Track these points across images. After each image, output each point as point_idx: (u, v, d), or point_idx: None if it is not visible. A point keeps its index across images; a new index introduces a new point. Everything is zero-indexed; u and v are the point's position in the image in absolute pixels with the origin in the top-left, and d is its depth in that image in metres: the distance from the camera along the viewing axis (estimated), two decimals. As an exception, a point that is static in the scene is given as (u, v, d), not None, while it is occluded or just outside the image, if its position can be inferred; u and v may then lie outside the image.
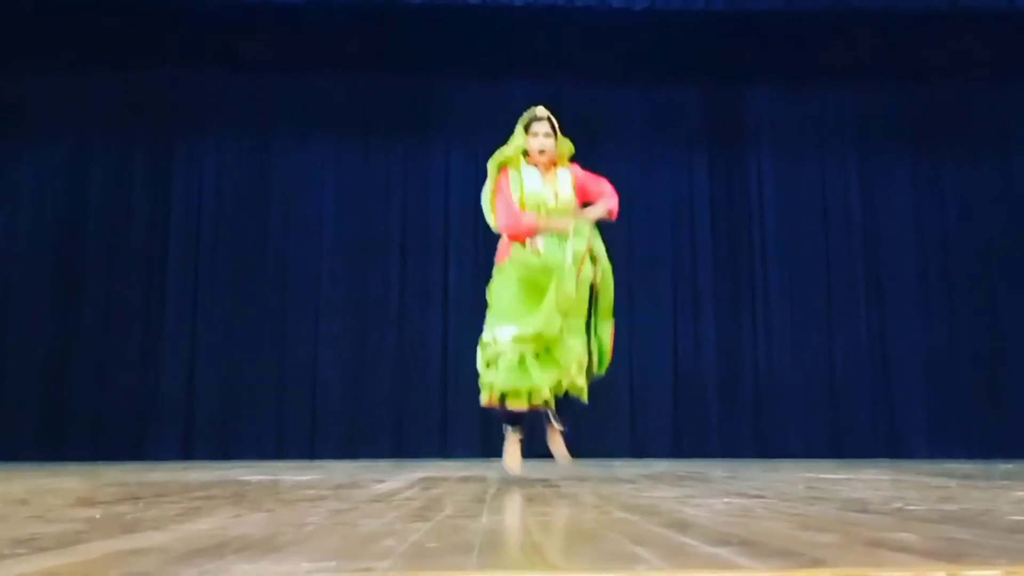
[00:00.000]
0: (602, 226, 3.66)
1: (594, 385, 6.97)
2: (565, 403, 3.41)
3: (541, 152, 3.45)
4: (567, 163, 3.58)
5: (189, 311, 6.83)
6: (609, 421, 6.84)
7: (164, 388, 6.68)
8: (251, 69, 7.16)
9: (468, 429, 6.42)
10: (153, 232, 6.92)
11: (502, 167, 3.48)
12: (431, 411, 6.65)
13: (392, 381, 6.73)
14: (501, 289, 3.37)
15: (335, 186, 7.14)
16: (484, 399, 3.33)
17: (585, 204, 3.55)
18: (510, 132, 7.29)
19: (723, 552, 1.33)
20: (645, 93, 7.33)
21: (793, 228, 7.19)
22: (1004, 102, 7.31)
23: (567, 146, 3.57)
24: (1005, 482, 3.45)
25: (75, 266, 6.79)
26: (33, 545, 1.50)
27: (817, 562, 1.19)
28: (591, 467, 4.92)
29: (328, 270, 6.99)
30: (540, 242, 3.36)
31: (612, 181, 7.14)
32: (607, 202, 3.51)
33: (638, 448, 6.75)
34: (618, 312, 6.92)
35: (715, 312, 7.05)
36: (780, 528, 1.68)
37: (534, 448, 5.07)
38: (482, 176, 7.21)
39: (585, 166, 7.19)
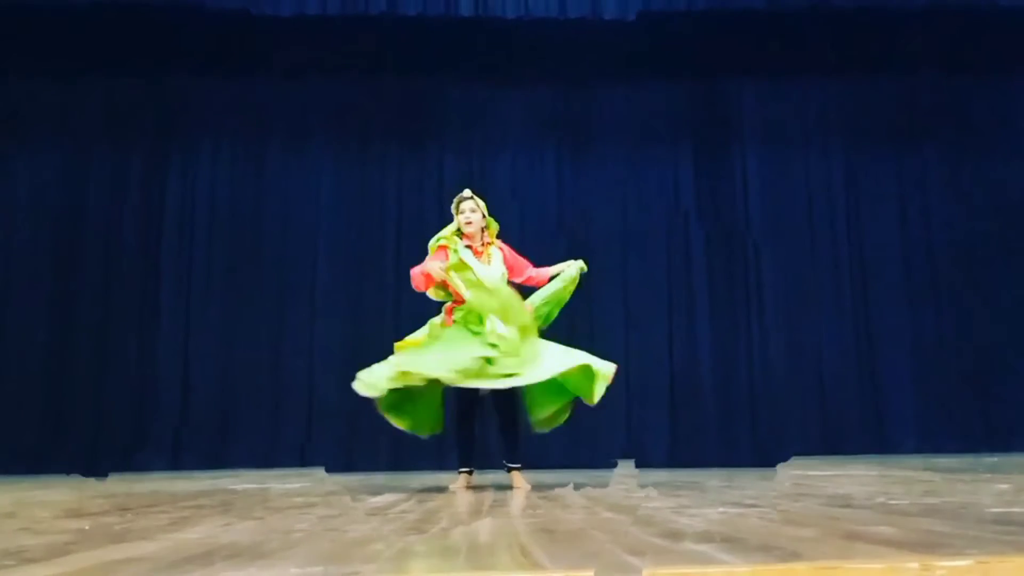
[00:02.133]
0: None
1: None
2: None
3: (468, 224, 3.95)
4: (495, 240, 4.08)
5: (183, 320, 6.80)
6: (605, 429, 6.84)
7: (158, 397, 6.65)
8: (246, 76, 7.16)
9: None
10: (148, 240, 6.90)
11: (441, 246, 3.98)
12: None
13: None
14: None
15: (330, 192, 7.14)
16: None
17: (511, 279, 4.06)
18: (503, 138, 7.36)
19: (706, 548, 1.36)
20: (631, 94, 7.36)
21: (779, 228, 7.23)
22: (987, 98, 7.37)
23: (494, 225, 4.06)
24: (989, 475, 3.48)
25: (69, 274, 6.75)
26: (22, 557, 1.51)
27: (794, 555, 1.22)
28: (585, 477, 4.94)
29: (323, 278, 6.98)
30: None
31: (602, 183, 7.25)
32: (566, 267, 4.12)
33: (635, 457, 6.75)
34: (613, 317, 7.00)
35: (710, 312, 7.06)
36: (763, 524, 1.71)
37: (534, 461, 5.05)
38: (476, 180, 7.27)
39: (575, 168, 7.28)
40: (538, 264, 4.23)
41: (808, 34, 7.27)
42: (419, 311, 6.75)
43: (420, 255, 7.40)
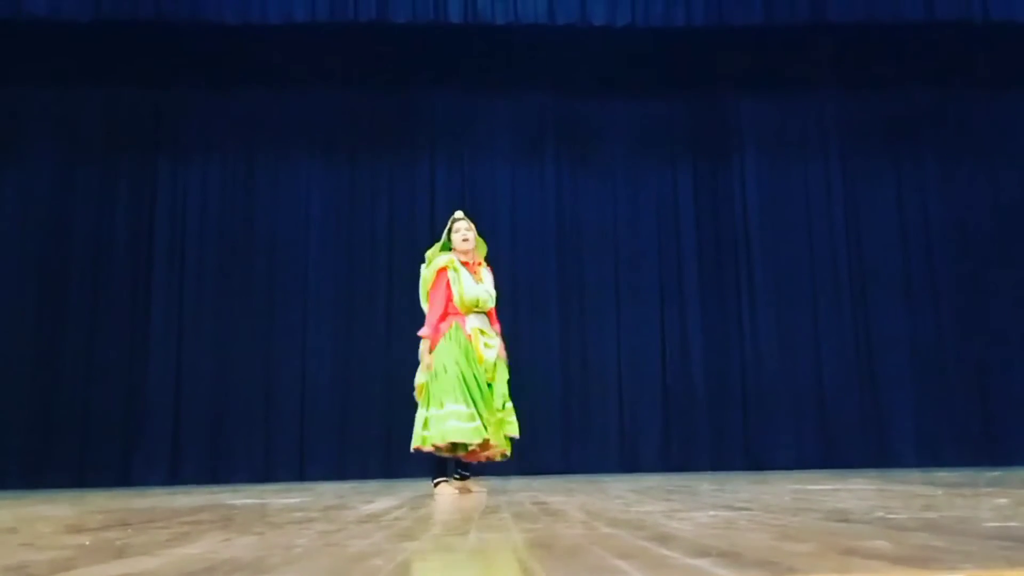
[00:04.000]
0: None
1: (584, 400, 7.02)
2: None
3: (465, 241, 4.19)
4: (485, 262, 4.33)
5: (175, 333, 6.82)
6: (599, 436, 6.86)
7: (151, 411, 6.66)
8: (236, 86, 7.22)
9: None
10: (137, 253, 6.93)
11: (440, 270, 4.18)
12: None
13: (381, 400, 6.74)
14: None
15: (321, 202, 7.18)
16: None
17: None
18: (494, 147, 7.40)
19: (703, 564, 1.37)
20: (630, 105, 7.43)
21: (778, 236, 7.27)
22: (982, 107, 7.45)
23: (483, 246, 4.33)
24: (990, 489, 3.48)
25: (58, 288, 6.78)
26: (25, 572, 1.52)
27: (790, 571, 1.23)
28: (579, 483, 4.93)
29: (315, 289, 7.01)
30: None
31: (597, 193, 7.30)
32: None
33: (628, 462, 6.77)
34: (606, 325, 7.02)
35: (703, 321, 7.11)
36: (761, 539, 1.72)
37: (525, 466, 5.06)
38: (468, 189, 7.30)
39: (571, 177, 7.32)
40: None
41: (804, 49, 7.33)
42: (410, 321, 6.78)
43: (412, 264, 7.49)
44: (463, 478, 4.19)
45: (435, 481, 4.13)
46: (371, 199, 7.18)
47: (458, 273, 4.14)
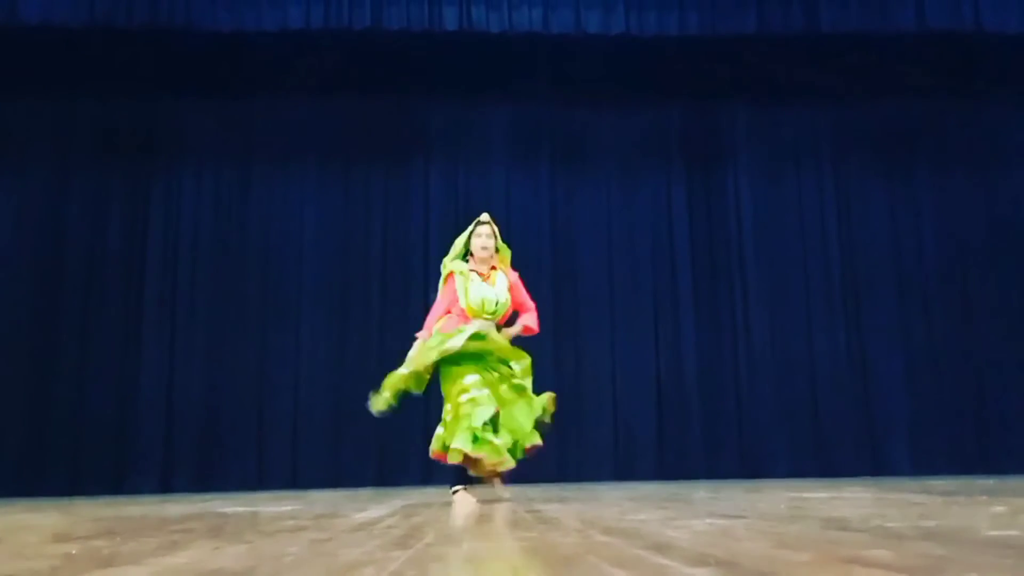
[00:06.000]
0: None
1: (578, 408, 6.99)
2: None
3: (483, 249, 3.99)
4: (506, 267, 4.10)
5: (167, 342, 6.77)
6: (593, 444, 6.83)
7: (143, 420, 6.61)
8: (229, 95, 7.18)
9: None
10: (131, 263, 6.88)
11: (449, 273, 4.00)
12: (414, 438, 6.60)
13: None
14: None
15: (315, 211, 7.14)
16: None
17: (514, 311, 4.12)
18: (489, 155, 7.38)
19: (702, 574, 1.34)
20: (624, 113, 7.42)
21: (771, 245, 7.26)
22: (974, 118, 7.47)
23: (506, 251, 4.12)
24: (986, 498, 3.47)
25: (52, 298, 6.72)
26: (7, 582, 1.48)
27: (792, 580, 1.21)
28: (574, 491, 4.90)
29: (309, 297, 6.97)
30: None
31: (592, 202, 7.27)
32: (525, 320, 4.08)
33: (623, 470, 6.74)
34: (600, 333, 7.01)
35: (696, 331, 7.09)
36: (759, 547, 1.69)
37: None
38: (462, 199, 7.28)
39: (567, 186, 7.30)
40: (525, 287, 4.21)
41: (798, 58, 7.35)
42: (404, 328, 6.73)
43: (406, 273, 7.45)
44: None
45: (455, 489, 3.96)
46: (366, 207, 7.16)
47: (466, 278, 3.95)
